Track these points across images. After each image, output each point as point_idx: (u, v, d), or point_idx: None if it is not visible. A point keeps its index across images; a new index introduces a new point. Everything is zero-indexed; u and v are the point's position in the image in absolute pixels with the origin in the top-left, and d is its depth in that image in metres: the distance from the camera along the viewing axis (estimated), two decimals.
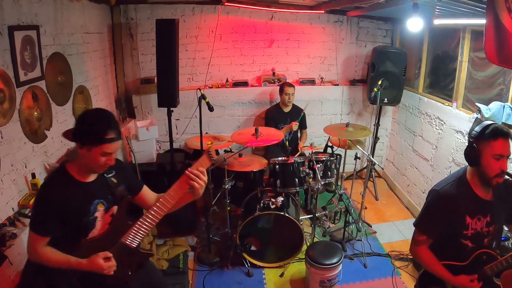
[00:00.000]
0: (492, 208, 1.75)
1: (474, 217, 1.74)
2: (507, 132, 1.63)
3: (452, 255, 1.79)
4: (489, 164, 1.64)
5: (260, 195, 3.37)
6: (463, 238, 1.75)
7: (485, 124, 1.68)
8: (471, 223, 1.74)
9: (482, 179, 1.71)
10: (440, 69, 3.89)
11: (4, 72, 2.17)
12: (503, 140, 1.61)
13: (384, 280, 3.15)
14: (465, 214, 1.73)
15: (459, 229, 1.75)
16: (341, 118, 4.85)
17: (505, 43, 1.74)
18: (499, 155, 1.62)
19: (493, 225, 1.76)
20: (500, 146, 1.61)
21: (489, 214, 1.75)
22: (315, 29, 4.64)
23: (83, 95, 3.30)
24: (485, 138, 1.63)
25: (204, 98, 2.94)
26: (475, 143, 1.67)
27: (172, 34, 3.37)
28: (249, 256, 3.25)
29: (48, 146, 2.70)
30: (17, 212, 2.24)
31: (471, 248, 1.76)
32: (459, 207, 1.73)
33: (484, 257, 1.75)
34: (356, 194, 4.22)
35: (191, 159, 4.31)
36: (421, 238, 1.85)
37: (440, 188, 1.79)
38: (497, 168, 1.63)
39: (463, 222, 1.73)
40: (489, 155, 1.63)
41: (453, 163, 3.46)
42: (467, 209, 1.73)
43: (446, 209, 1.74)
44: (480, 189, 1.75)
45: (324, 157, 3.42)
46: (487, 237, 1.77)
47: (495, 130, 1.62)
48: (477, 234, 1.75)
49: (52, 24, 2.78)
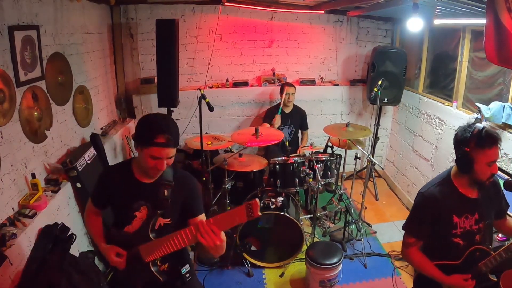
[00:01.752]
0: (479, 206, 1.77)
1: (461, 216, 1.76)
2: (499, 139, 1.65)
3: (445, 254, 1.80)
4: (483, 170, 1.66)
5: (260, 195, 3.37)
6: (453, 237, 1.77)
7: (474, 127, 1.66)
8: (458, 222, 1.75)
9: (473, 181, 1.73)
10: (440, 69, 3.89)
11: (4, 72, 2.17)
12: (496, 147, 1.64)
13: (384, 280, 3.15)
14: (452, 213, 1.75)
15: (448, 229, 1.77)
16: (341, 118, 4.85)
17: (505, 43, 1.74)
18: (494, 161, 1.65)
19: (482, 222, 1.78)
20: (494, 153, 1.64)
21: (476, 211, 1.77)
22: (315, 29, 4.64)
23: (83, 95, 3.30)
24: (480, 147, 1.62)
25: (204, 98, 2.95)
26: (467, 150, 1.66)
27: (172, 34, 3.37)
28: (249, 256, 3.25)
29: (48, 146, 2.70)
30: (17, 212, 2.24)
31: (463, 246, 1.77)
32: (444, 207, 1.75)
33: (477, 254, 1.76)
34: (356, 194, 4.22)
35: (191, 159, 4.31)
36: (410, 240, 1.87)
37: (425, 190, 1.82)
38: (489, 173, 1.67)
39: (450, 222, 1.75)
40: (483, 163, 1.64)
41: (453, 163, 3.45)
42: (452, 208, 1.75)
43: (432, 210, 1.77)
44: (466, 188, 1.77)
45: (324, 157, 3.43)
46: (478, 234, 1.78)
47: (488, 138, 1.62)
48: (466, 232, 1.77)
49: (52, 24, 2.77)
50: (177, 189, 1.69)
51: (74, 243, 2.41)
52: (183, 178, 1.74)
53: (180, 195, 1.70)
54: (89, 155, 3.00)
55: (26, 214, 2.21)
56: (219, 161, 3.45)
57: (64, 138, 2.96)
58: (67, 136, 3.01)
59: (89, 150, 3.04)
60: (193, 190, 1.75)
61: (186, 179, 1.76)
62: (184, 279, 1.73)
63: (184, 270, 1.73)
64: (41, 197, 2.37)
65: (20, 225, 2.13)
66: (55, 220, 2.39)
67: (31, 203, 2.27)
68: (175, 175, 1.71)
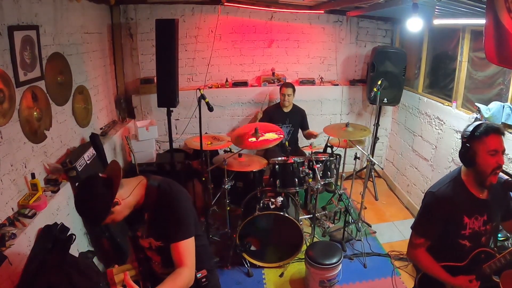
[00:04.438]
0: (488, 207, 1.75)
1: (471, 216, 1.74)
2: (498, 128, 1.64)
3: (450, 256, 1.79)
4: (486, 161, 1.63)
5: (260, 195, 3.37)
6: (461, 238, 1.75)
7: (475, 124, 1.69)
8: (468, 222, 1.73)
9: (478, 178, 1.71)
10: (440, 69, 3.89)
11: (4, 72, 2.17)
12: (495, 135, 1.62)
13: (384, 280, 3.15)
14: (463, 214, 1.73)
15: (457, 230, 1.75)
16: (341, 118, 4.85)
17: (505, 43, 1.74)
18: (494, 150, 1.62)
19: (490, 223, 1.77)
20: (494, 141, 1.62)
21: (485, 213, 1.75)
22: (314, 29, 4.64)
23: (83, 95, 3.30)
24: (478, 136, 1.63)
25: (204, 98, 2.94)
26: (468, 143, 1.67)
27: (171, 34, 3.37)
28: (249, 256, 3.25)
29: (48, 146, 2.70)
30: (17, 212, 2.24)
31: (469, 247, 1.76)
32: (456, 208, 1.73)
33: (482, 256, 1.75)
34: (356, 194, 4.22)
35: (190, 159, 4.31)
36: (418, 241, 1.84)
37: (436, 190, 1.78)
38: (494, 163, 1.63)
39: (461, 222, 1.73)
40: (484, 152, 1.62)
41: (453, 163, 3.46)
42: (464, 209, 1.73)
43: (444, 210, 1.74)
44: (476, 189, 1.75)
45: (323, 157, 3.43)
46: (484, 236, 1.78)
47: (486, 127, 1.63)
48: (474, 234, 1.75)
49: (52, 24, 2.77)
50: (155, 213, 1.55)
51: (73, 243, 2.41)
52: (161, 195, 1.55)
53: (158, 217, 1.55)
54: (88, 155, 3.00)
55: (26, 214, 2.21)
56: (219, 161, 3.44)
57: (64, 138, 2.96)
58: (66, 136, 3.00)
59: (88, 150, 3.05)
60: (167, 210, 1.53)
61: (162, 196, 1.55)
62: (199, 284, 1.66)
63: (199, 275, 1.66)
64: (41, 197, 2.37)
65: (20, 225, 2.13)
66: (55, 220, 2.39)
67: (30, 203, 2.27)
68: (158, 192, 1.55)
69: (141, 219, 1.59)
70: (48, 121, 2.69)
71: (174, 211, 1.52)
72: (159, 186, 1.56)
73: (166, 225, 1.52)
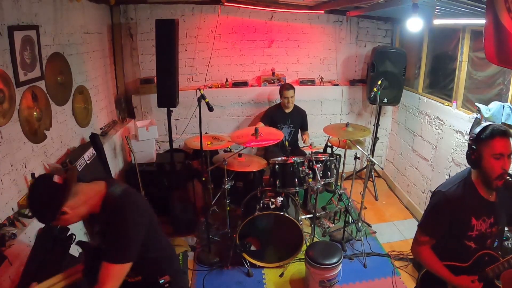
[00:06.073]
0: (495, 209, 1.75)
1: (479, 218, 1.73)
2: (505, 131, 1.61)
3: (455, 256, 1.79)
4: (490, 164, 1.62)
5: (260, 195, 3.37)
6: (467, 239, 1.75)
7: (483, 125, 1.67)
8: (476, 224, 1.73)
9: (485, 180, 1.70)
10: (440, 69, 3.89)
11: (4, 72, 2.17)
12: (502, 139, 1.60)
13: (384, 280, 3.15)
14: (471, 215, 1.72)
15: (464, 230, 1.74)
16: (341, 118, 4.85)
17: (505, 43, 1.74)
18: (499, 154, 1.60)
19: (496, 226, 1.76)
20: (499, 145, 1.60)
21: (493, 215, 1.74)
22: (314, 29, 4.64)
23: (83, 95, 3.30)
24: (484, 139, 1.62)
25: (204, 98, 2.94)
26: (474, 145, 1.66)
27: (171, 34, 3.37)
28: (249, 256, 3.25)
29: (48, 146, 2.70)
30: (17, 212, 2.24)
31: (474, 249, 1.76)
32: (465, 208, 1.72)
33: (486, 258, 1.75)
34: (356, 194, 4.22)
35: (190, 159, 4.32)
36: (424, 238, 1.84)
37: (446, 189, 1.77)
38: (499, 168, 1.61)
39: (468, 223, 1.72)
40: (489, 155, 1.61)
41: (453, 163, 3.46)
42: (472, 210, 1.72)
43: (453, 210, 1.73)
44: (484, 190, 1.73)
45: (323, 157, 3.42)
46: (490, 238, 1.77)
47: (492, 130, 1.61)
48: (481, 235, 1.74)
49: (51, 24, 2.77)
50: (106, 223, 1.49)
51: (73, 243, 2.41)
52: (114, 209, 1.47)
53: (106, 231, 1.49)
54: (88, 155, 3.00)
55: (26, 214, 2.21)
56: (219, 161, 3.45)
57: (64, 138, 2.96)
58: (66, 136, 3.01)
59: (88, 150, 3.05)
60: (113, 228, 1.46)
61: (114, 212, 1.47)
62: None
63: (162, 281, 1.65)
64: None
65: (20, 225, 2.13)
66: None
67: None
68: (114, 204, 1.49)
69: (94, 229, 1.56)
70: (48, 121, 2.69)
71: (119, 231, 1.45)
72: (116, 198, 1.50)
73: (108, 241, 1.47)
